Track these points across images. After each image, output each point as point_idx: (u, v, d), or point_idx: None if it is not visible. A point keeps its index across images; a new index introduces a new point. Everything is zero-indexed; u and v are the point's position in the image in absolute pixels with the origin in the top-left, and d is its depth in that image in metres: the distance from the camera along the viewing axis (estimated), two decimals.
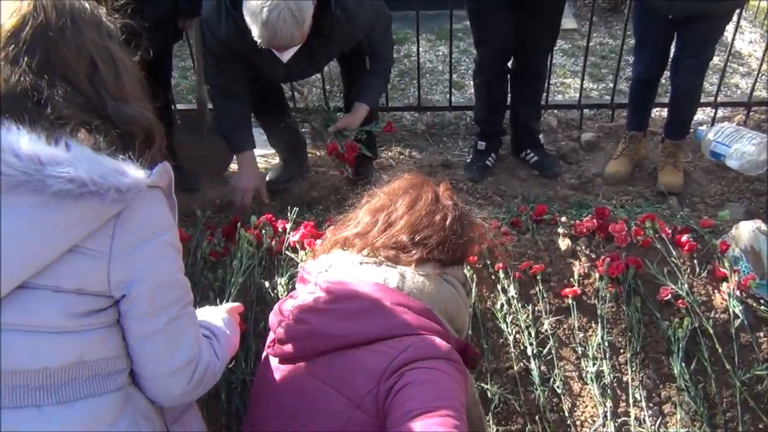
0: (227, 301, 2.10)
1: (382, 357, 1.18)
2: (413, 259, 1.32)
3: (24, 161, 0.93)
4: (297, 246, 2.22)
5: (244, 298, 2.12)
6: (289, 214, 2.32)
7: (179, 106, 3.64)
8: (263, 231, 2.27)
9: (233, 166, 3.34)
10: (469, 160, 3.38)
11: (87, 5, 1.09)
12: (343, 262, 1.36)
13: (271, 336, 1.36)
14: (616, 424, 2.02)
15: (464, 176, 3.29)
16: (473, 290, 2.15)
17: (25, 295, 1.00)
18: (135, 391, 1.14)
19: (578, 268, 2.21)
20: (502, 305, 2.15)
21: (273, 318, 1.36)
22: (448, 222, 1.37)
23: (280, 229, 2.31)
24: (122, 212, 1.02)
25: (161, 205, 1.09)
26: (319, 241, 2.19)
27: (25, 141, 0.95)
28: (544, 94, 3.48)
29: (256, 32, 2.14)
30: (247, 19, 2.15)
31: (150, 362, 1.12)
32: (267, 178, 3.13)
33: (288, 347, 1.29)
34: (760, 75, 3.70)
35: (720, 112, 3.71)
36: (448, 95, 3.74)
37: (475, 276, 2.18)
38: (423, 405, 1.09)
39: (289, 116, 3.09)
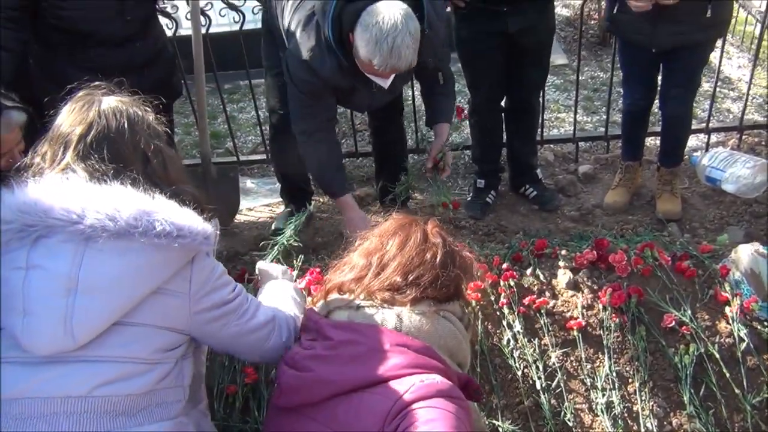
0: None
1: (385, 399, 1.21)
2: (408, 299, 1.37)
3: (134, 212, 1.17)
4: (304, 293, 2.25)
5: None
6: (295, 262, 2.37)
7: (183, 162, 3.72)
8: None
9: (239, 217, 3.42)
10: (469, 199, 3.43)
11: (139, 111, 1.38)
12: (341, 308, 1.40)
13: (276, 388, 1.39)
14: None
15: (466, 214, 3.34)
16: (479, 327, 2.18)
17: (118, 330, 1.18)
18: (186, 419, 1.31)
19: (581, 300, 2.24)
20: (509, 341, 2.17)
21: (279, 367, 1.39)
22: (438, 259, 1.42)
23: None
24: (195, 257, 1.27)
25: (211, 253, 1.36)
26: (315, 290, 2.23)
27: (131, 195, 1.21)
28: (539, 130, 3.56)
29: (378, 60, 2.15)
30: (366, 46, 2.15)
31: (250, 351, 1.48)
32: (273, 227, 3.18)
33: (293, 396, 1.32)
34: (750, 99, 3.76)
35: (713, 138, 3.77)
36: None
37: (480, 313, 2.21)
38: None
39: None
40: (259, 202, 3.59)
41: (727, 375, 2.08)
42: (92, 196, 1.18)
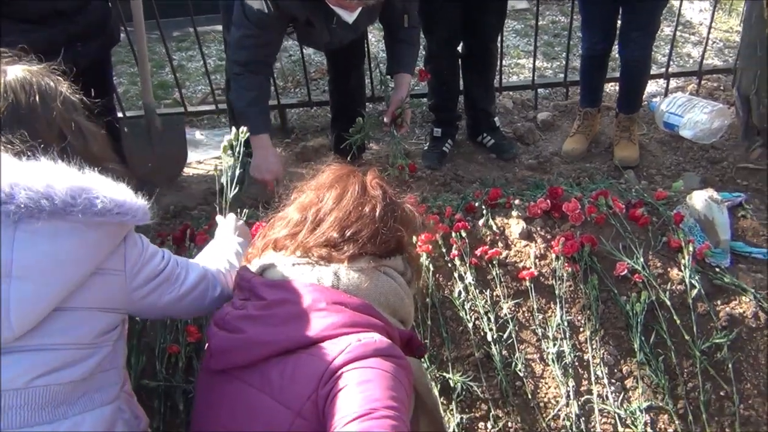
0: None
1: (320, 360, 1.14)
2: (346, 256, 1.28)
3: (70, 189, 1.06)
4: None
5: None
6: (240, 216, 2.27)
7: (128, 113, 3.56)
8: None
9: (187, 170, 3.29)
10: (426, 148, 3.35)
11: (51, 82, 1.23)
12: (276, 265, 1.32)
13: (205, 350, 1.32)
14: (579, 403, 2.02)
15: (423, 164, 3.26)
16: (430, 280, 2.13)
17: (60, 316, 1.10)
18: (123, 404, 1.26)
19: (534, 249, 2.20)
20: (460, 293, 2.13)
21: (209, 329, 1.32)
22: (377, 213, 1.33)
23: None
24: (127, 234, 1.20)
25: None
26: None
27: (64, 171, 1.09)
28: (498, 76, 3.47)
29: None
30: None
31: (188, 311, 1.41)
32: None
33: (224, 358, 1.25)
34: (710, 43, 3.71)
35: (673, 83, 3.73)
36: None
37: (431, 265, 2.16)
38: (358, 408, 1.05)
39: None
40: (209, 155, 3.45)
41: (678, 322, 2.07)
42: (20, 173, 1.05)
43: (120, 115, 3.30)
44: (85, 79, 1.36)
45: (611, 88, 3.66)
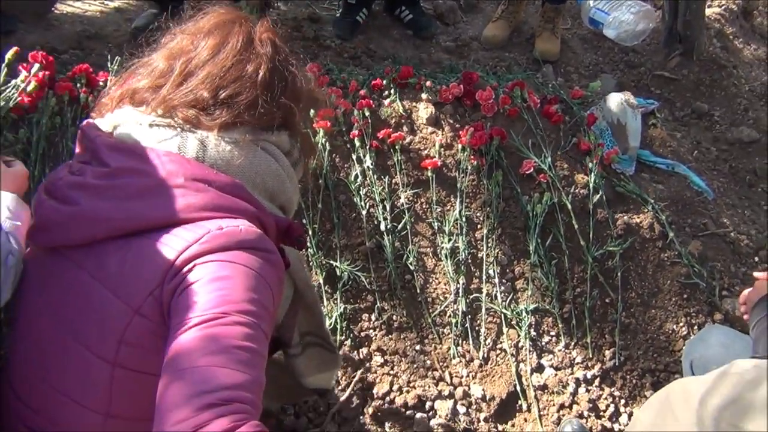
0: (33, 167, 1.79)
1: (168, 249, 0.93)
2: (217, 123, 1.04)
3: None
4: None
5: (54, 164, 1.80)
6: (110, 65, 1.95)
7: None
8: (78, 84, 1.91)
9: (60, 7, 2.83)
10: (338, 15, 3.04)
11: None
12: (130, 123, 1.06)
13: (33, 219, 1.07)
14: (467, 301, 1.95)
15: (332, 33, 2.96)
16: (325, 160, 1.94)
17: None
18: None
19: (440, 138, 2.04)
20: (357, 176, 1.96)
21: (36, 195, 1.06)
22: (260, 76, 1.07)
23: (101, 83, 1.95)
24: None
25: None
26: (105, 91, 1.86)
27: None
28: None
29: None
30: None
31: None
32: (133, 25, 2.65)
33: (51, 234, 1.01)
34: None
35: None
36: None
37: (327, 144, 1.95)
38: (207, 310, 0.87)
39: None
40: None
41: (576, 226, 2.01)
42: None
43: None
44: None
45: None
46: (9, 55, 1.76)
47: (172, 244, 0.94)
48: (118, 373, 0.96)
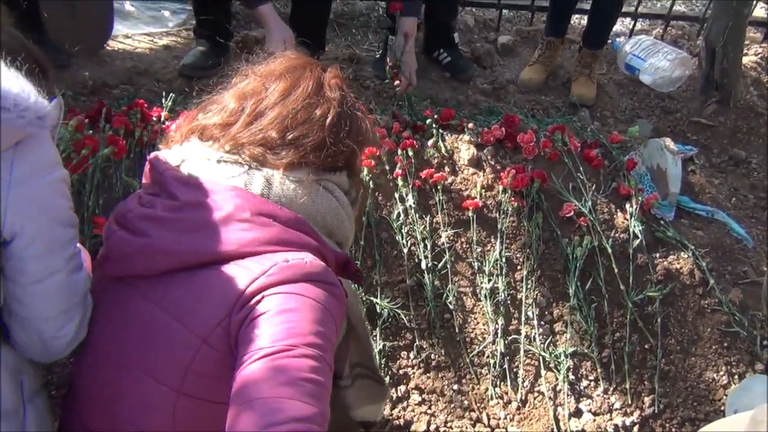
0: (87, 197, 1.85)
1: (236, 281, 0.96)
2: (283, 162, 1.07)
3: None
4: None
5: (108, 196, 1.85)
6: (163, 101, 2.03)
7: None
8: (133, 119, 1.98)
9: (112, 44, 2.95)
10: (378, 56, 3.11)
11: None
12: (197, 158, 1.10)
13: (101, 249, 1.11)
14: (505, 342, 1.95)
15: (372, 73, 3.03)
16: (368, 198, 1.98)
17: None
18: None
19: (482, 179, 2.07)
20: (399, 215, 1.99)
21: (107, 225, 1.10)
22: (329, 120, 1.12)
23: (154, 118, 2.02)
24: (23, 141, 0.91)
25: (51, 141, 0.98)
26: (174, 126, 1.92)
27: None
28: None
29: None
30: None
31: (48, 303, 1.00)
32: (181, 62, 2.74)
33: (121, 264, 1.05)
34: None
35: (638, 25, 3.59)
36: None
37: (371, 182, 1.99)
38: (276, 342, 0.89)
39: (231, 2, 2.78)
40: (139, 30, 3.10)
41: (616, 270, 2.01)
42: None
43: None
44: None
45: (576, 20, 3.49)
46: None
47: (240, 276, 0.97)
48: (182, 401, 0.98)
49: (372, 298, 1.91)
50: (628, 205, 2.11)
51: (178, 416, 0.99)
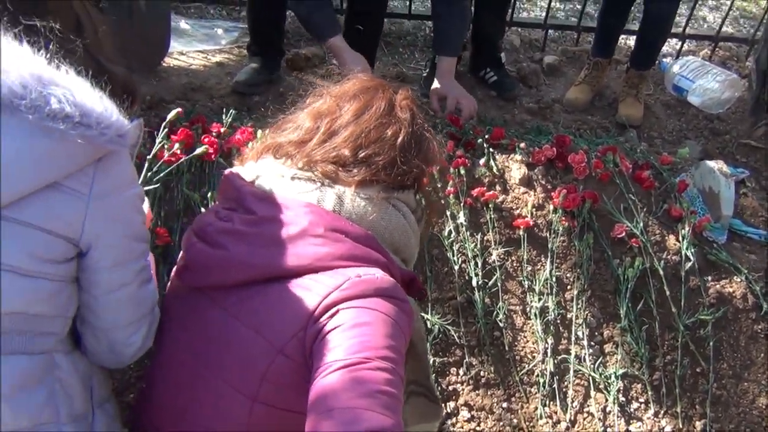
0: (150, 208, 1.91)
1: (312, 294, 1.00)
2: (355, 179, 1.11)
3: (25, 79, 0.86)
4: (234, 153, 2.00)
5: (169, 208, 1.92)
6: (224, 117, 2.09)
7: None
8: (195, 133, 2.04)
9: (168, 61, 3.04)
10: (425, 75, 3.15)
11: None
12: (272, 174, 1.14)
13: (179, 260, 1.16)
14: (555, 361, 1.95)
15: (418, 91, 3.07)
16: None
17: None
18: (63, 360, 1.02)
19: (533, 198, 2.08)
20: (450, 232, 2.01)
21: (187, 236, 1.15)
22: (400, 139, 1.15)
23: (213, 133, 2.08)
24: (104, 157, 0.95)
25: (129, 158, 1.03)
26: (250, 144, 1.97)
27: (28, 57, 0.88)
28: (510, 10, 3.26)
29: None
30: None
31: (118, 313, 1.06)
32: (234, 79, 2.83)
33: (199, 275, 1.09)
34: (731, 9, 3.55)
35: (685, 46, 3.57)
36: (407, 2, 3.46)
37: (423, 199, 2.02)
38: (351, 354, 0.92)
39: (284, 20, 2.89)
40: (193, 47, 3.19)
41: (667, 293, 2.00)
42: None
43: None
44: None
45: (623, 41, 3.49)
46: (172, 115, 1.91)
47: (315, 290, 1.00)
48: (257, 408, 1.01)
49: (423, 314, 1.93)
50: (679, 227, 2.10)
51: (253, 422, 1.02)
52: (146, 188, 1.82)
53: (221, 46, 3.25)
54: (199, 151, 1.92)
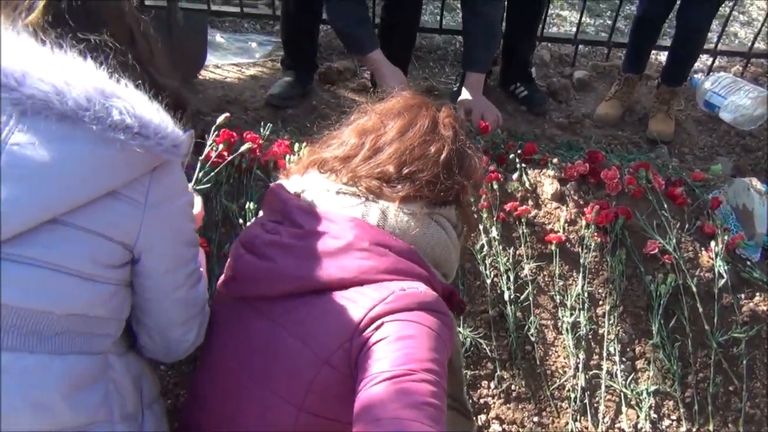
0: None
1: (358, 306, 1.03)
2: (399, 195, 1.14)
3: (89, 92, 0.91)
4: (271, 165, 2.05)
5: (208, 218, 1.96)
6: (262, 130, 2.14)
7: (147, 2, 3.33)
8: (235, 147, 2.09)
9: (204, 74, 3.11)
10: (455, 89, 3.18)
11: None
12: (317, 189, 1.18)
13: (227, 270, 1.20)
14: (586, 377, 1.96)
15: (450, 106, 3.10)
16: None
17: (55, 230, 0.92)
18: (117, 361, 1.07)
19: (565, 213, 2.10)
20: (483, 246, 2.03)
21: (234, 248, 1.19)
22: (443, 156, 1.18)
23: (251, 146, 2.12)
24: (158, 167, 1.00)
25: (181, 168, 1.08)
26: (295, 158, 2.02)
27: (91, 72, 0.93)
28: (540, 25, 3.28)
29: None
30: None
31: (171, 314, 1.11)
32: (269, 92, 2.89)
33: (246, 286, 1.13)
34: (763, 25, 3.53)
35: (717, 62, 3.56)
36: (438, 17, 3.50)
37: (462, 215, 2.04)
38: (396, 366, 0.94)
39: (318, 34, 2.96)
40: (228, 60, 3.26)
41: (700, 310, 2.00)
42: (38, 61, 0.89)
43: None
44: None
45: (654, 56, 3.49)
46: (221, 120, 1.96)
47: (360, 302, 1.03)
48: (302, 417, 1.04)
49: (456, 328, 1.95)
50: (713, 244, 2.09)
51: (298, 431, 1.05)
52: (198, 188, 1.87)
53: (255, 59, 3.32)
54: (244, 147, 1.98)
